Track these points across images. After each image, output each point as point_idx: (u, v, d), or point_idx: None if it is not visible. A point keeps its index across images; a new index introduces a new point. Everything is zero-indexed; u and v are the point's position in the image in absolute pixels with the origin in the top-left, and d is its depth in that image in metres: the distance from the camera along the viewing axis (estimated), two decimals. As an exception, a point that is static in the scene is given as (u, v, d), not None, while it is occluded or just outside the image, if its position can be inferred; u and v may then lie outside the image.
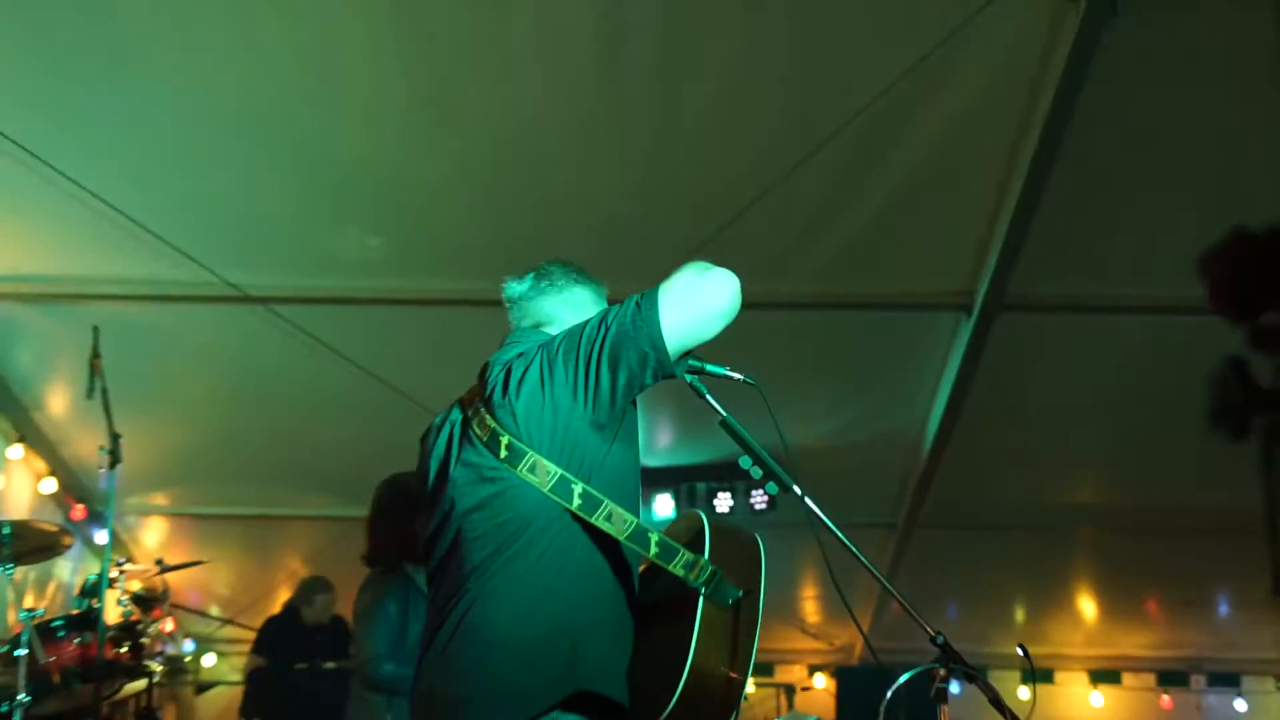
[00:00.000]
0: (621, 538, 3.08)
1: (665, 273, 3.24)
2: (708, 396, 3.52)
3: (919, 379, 8.74)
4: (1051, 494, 10.21)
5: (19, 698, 6.09)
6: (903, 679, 3.76)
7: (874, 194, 7.20)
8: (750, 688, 3.23)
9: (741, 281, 3.10)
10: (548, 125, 6.95)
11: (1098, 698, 12.01)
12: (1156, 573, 11.28)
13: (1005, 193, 7.13)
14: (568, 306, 3.49)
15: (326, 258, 7.86)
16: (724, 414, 3.53)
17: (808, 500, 3.53)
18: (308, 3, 6.35)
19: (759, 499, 9.09)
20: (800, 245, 7.55)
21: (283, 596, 10.41)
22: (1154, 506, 10.18)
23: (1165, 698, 12.23)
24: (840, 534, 3.58)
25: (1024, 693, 10.42)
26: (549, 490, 3.06)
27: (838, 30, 6.39)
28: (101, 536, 9.26)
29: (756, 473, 3.61)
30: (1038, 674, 11.54)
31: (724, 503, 9.05)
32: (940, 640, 3.68)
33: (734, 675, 3.14)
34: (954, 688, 3.85)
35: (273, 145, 7.16)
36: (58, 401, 9.24)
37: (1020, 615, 11.60)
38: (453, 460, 3.32)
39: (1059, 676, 11.92)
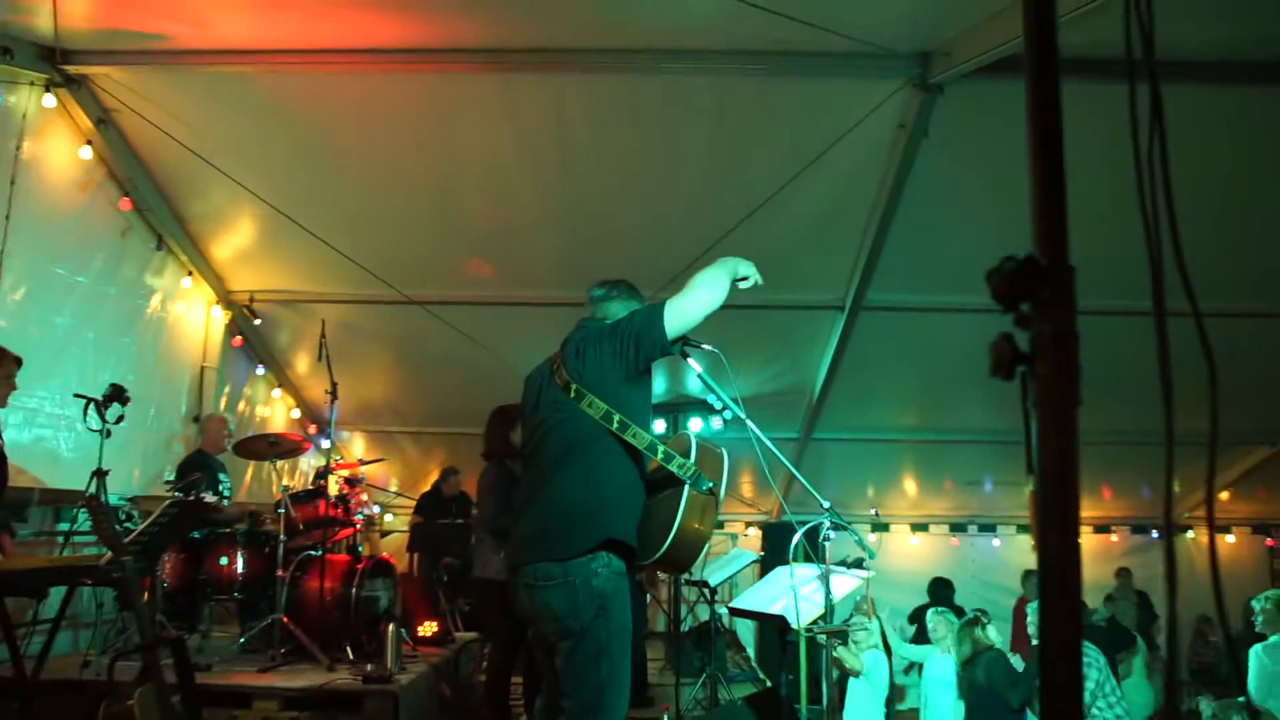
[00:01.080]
0: (641, 448, 3.22)
1: (659, 277, 3.39)
2: (690, 360, 3.60)
3: (811, 351, 8.77)
4: (887, 419, 10.23)
5: (280, 537, 6.17)
6: (801, 531, 3.83)
7: (785, 239, 7.22)
8: (712, 537, 3.26)
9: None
10: (585, 197, 7.01)
11: (915, 540, 12.04)
12: (950, 466, 11.33)
13: (865, 236, 7.15)
14: (623, 309, 3.56)
15: (461, 277, 7.87)
16: (699, 371, 3.63)
17: (749, 423, 3.61)
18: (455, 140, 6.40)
19: (717, 423, 9.07)
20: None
21: (430, 480, 10.52)
22: (952, 427, 10.25)
23: (954, 540, 12.24)
24: (769, 443, 3.65)
25: (873, 538, 10.49)
26: (598, 418, 3.19)
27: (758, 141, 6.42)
28: (325, 444, 9.35)
29: (717, 405, 3.69)
30: (881, 526, 11.67)
31: (696, 425, 9.05)
32: (827, 506, 3.74)
33: (702, 530, 3.24)
34: (832, 535, 3.92)
35: (427, 210, 7.20)
36: (300, 364, 9.32)
37: (871, 491, 11.61)
38: (542, 396, 3.44)
39: (893, 528, 11.90)
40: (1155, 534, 12.44)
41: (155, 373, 7.38)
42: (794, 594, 3.67)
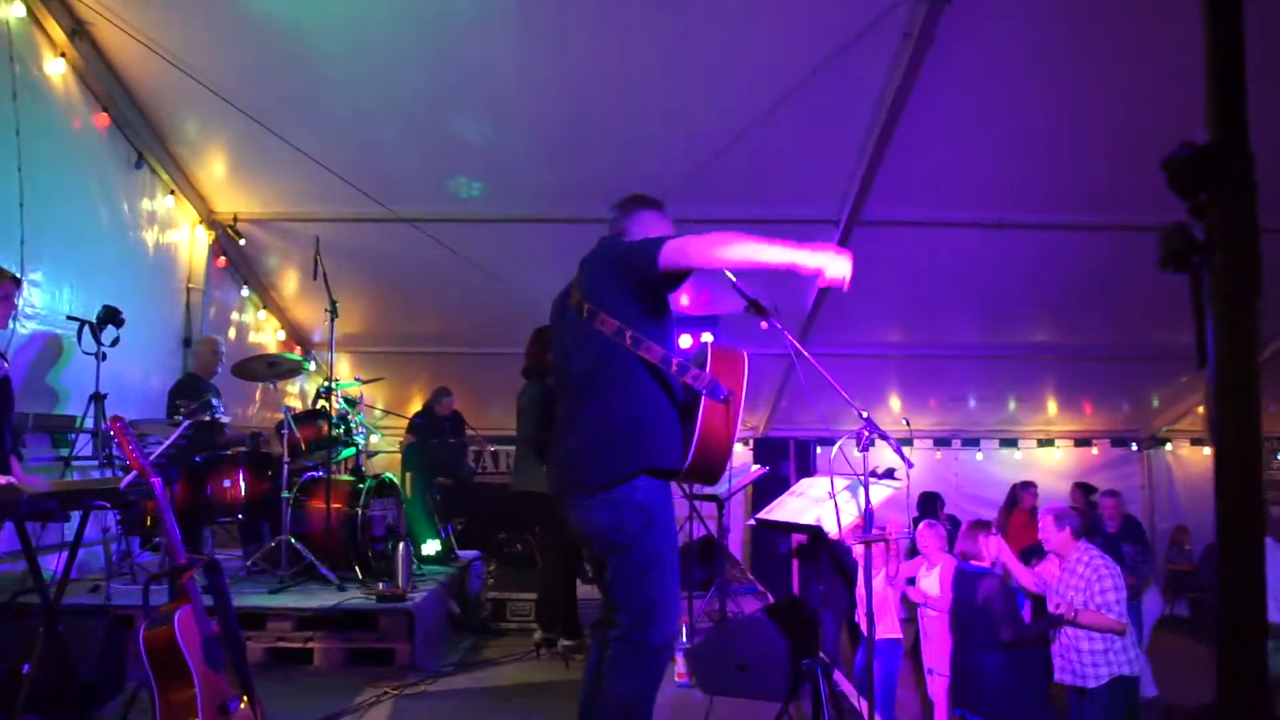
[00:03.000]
0: (654, 361, 3.15)
1: (656, 191, 3.42)
2: (729, 274, 3.53)
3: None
4: (875, 335, 10.27)
5: (284, 459, 6.12)
6: (840, 442, 3.83)
7: (783, 151, 7.14)
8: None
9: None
10: (582, 111, 6.85)
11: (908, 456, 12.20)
12: (939, 382, 11.45)
13: (864, 150, 7.06)
14: (635, 222, 3.49)
15: (449, 194, 7.71)
16: (734, 281, 3.56)
17: (785, 333, 3.58)
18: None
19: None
20: (739, 182, 7.46)
21: (417, 400, 10.48)
22: (940, 341, 10.34)
23: (939, 454, 12.43)
24: (805, 353, 3.62)
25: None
26: (611, 335, 3.15)
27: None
28: (312, 366, 9.26)
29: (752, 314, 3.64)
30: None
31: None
32: (865, 416, 3.74)
33: (725, 438, 3.18)
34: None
35: (419, 125, 7.02)
36: (287, 285, 9.17)
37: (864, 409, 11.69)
38: (564, 317, 3.40)
39: (877, 443, 11.99)
40: (1135, 447, 12.68)
41: (141, 294, 7.20)
42: (835, 504, 3.67)
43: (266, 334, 9.56)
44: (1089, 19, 5.96)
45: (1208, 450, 11.39)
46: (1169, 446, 12.64)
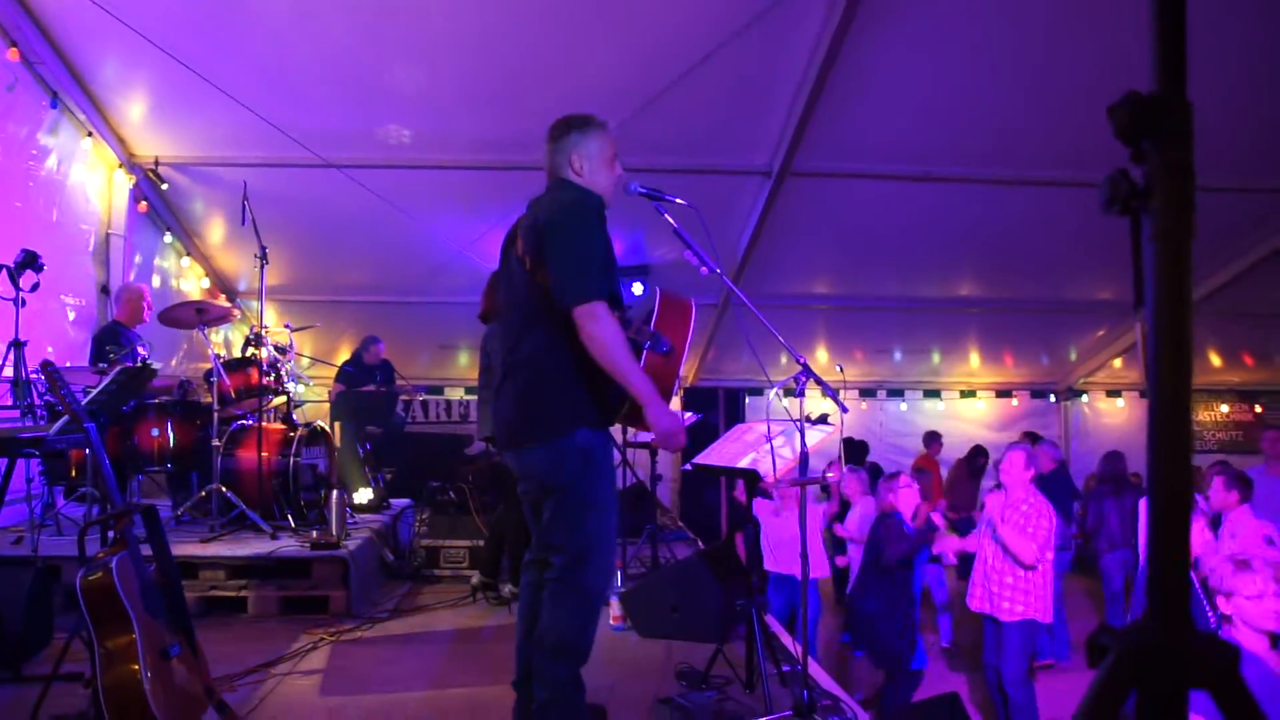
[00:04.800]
0: None
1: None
2: (667, 216, 3.56)
3: (734, 218, 8.80)
4: (803, 286, 10.41)
5: (213, 406, 6.03)
6: (778, 385, 3.90)
7: (714, 100, 7.15)
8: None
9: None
10: (512, 57, 6.77)
11: (826, 405, 12.40)
12: (865, 334, 11.67)
13: (796, 100, 7.10)
14: (568, 153, 3.29)
15: (379, 141, 7.58)
16: (675, 226, 3.59)
17: (727, 281, 3.63)
18: None
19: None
20: (675, 131, 7.45)
21: (343, 349, 10.36)
22: (866, 294, 10.52)
23: (864, 404, 12.67)
24: (749, 303, 3.68)
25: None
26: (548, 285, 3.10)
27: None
28: (237, 314, 9.09)
29: (694, 262, 3.68)
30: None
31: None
32: (802, 362, 3.82)
33: (666, 392, 3.17)
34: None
35: (347, 67, 6.87)
36: (212, 232, 8.96)
37: (784, 359, 11.87)
38: (509, 264, 3.34)
39: (806, 393, 12.17)
40: (1053, 398, 13.09)
41: (54, 239, 6.97)
42: (771, 448, 3.75)
43: (190, 282, 9.34)
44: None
45: (1121, 402, 11.89)
46: (1085, 398, 13.07)
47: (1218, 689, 1.17)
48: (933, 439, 11.57)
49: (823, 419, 4.15)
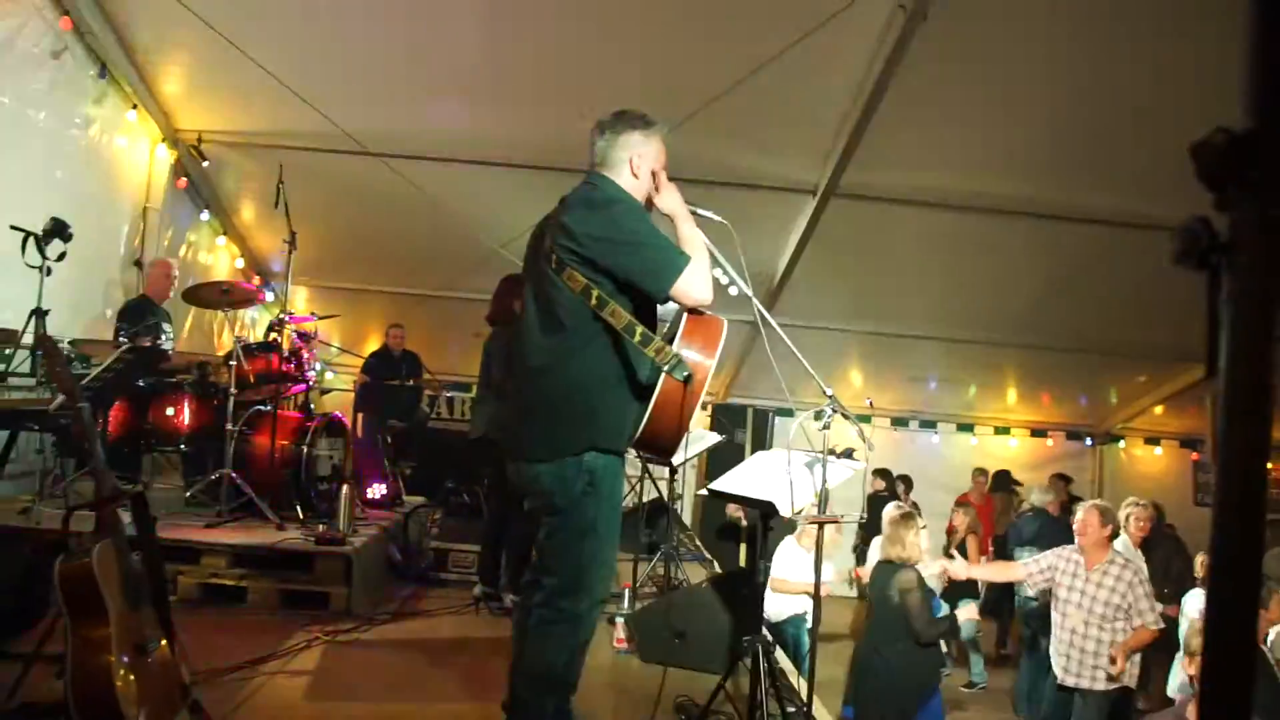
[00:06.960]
0: (618, 328, 2.91)
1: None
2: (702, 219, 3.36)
3: (777, 235, 8.61)
4: (840, 309, 10.13)
5: (230, 390, 5.92)
6: (801, 418, 3.71)
7: (767, 114, 6.97)
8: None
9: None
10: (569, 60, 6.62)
11: (853, 433, 12.21)
12: (901, 362, 11.41)
13: (848, 119, 6.91)
14: (612, 148, 3.15)
15: (429, 129, 7.47)
16: (706, 241, 3.39)
17: (755, 301, 3.44)
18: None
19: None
20: (726, 149, 7.28)
21: (373, 339, 10.26)
22: (903, 322, 10.27)
23: (896, 434, 12.42)
24: (775, 325, 3.50)
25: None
26: (578, 293, 2.92)
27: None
28: (269, 297, 9.02)
29: (724, 280, 3.50)
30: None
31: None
32: (829, 394, 3.62)
33: (681, 417, 2.97)
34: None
35: (393, 58, 6.76)
36: (248, 211, 8.90)
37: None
38: (537, 263, 3.16)
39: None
40: (1089, 441, 12.74)
41: (91, 210, 6.91)
42: (789, 481, 3.56)
43: (224, 260, 9.28)
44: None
45: (1159, 450, 11.52)
46: (1122, 444, 12.71)
47: None
48: (979, 474, 11.31)
49: (848, 454, 3.94)
